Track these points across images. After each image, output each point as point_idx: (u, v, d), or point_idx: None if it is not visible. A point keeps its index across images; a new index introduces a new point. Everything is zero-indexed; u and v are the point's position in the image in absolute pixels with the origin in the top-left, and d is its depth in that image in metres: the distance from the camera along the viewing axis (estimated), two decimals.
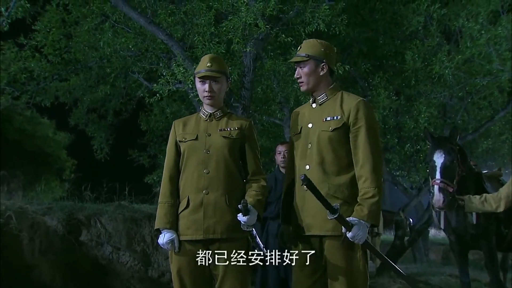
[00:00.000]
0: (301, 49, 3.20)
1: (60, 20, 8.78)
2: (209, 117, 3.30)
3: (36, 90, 9.13)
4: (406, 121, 9.88)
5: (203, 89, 3.23)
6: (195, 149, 3.21)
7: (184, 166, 3.23)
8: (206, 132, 3.25)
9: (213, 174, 3.16)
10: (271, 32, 6.55)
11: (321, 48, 3.18)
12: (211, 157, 3.18)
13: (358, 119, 3.05)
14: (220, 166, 3.17)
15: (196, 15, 6.77)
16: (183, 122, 3.34)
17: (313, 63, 3.15)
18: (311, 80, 3.17)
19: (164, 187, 3.24)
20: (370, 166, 2.97)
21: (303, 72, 3.16)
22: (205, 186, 3.15)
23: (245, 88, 6.94)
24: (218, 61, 3.27)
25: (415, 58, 9.58)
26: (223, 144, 3.19)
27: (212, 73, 3.20)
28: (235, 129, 3.25)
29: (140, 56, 8.25)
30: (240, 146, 3.25)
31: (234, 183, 3.20)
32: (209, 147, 3.19)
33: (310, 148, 3.13)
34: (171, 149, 3.30)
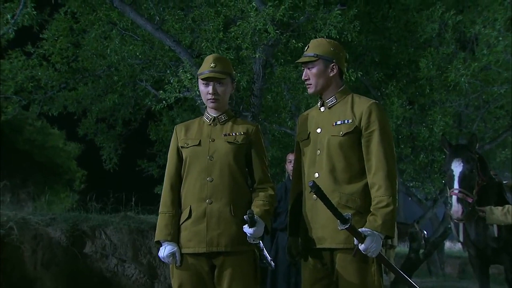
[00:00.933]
0: (309, 49, 2.99)
1: (68, 28, 8.67)
2: (213, 121, 3.09)
3: (43, 99, 9.00)
4: (421, 130, 9.64)
5: (207, 92, 3.03)
6: (197, 155, 3.00)
7: (186, 173, 3.02)
8: (210, 137, 3.04)
9: (217, 182, 2.95)
10: (281, 38, 6.35)
11: (330, 48, 2.98)
12: (215, 164, 2.97)
13: (370, 123, 2.84)
14: (224, 174, 2.96)
15: (204, 21, 6.60)
16: (185, 127, 3.14)
17: (322, 63, 2.95)
18: (320, 81, 2.96)
19: (165, 196, 3.04)
20: (384, 173, 2.76)
21: (311, 73, 2.96)
22: (208, 195, 2.95)
23: (255, 95, 6.74)
24: (223, 61, 3.07)
25: (430, 66, 9.35)
26: (227, 150, 2.99)
27: (216, 74, 3.00)
28: (240, 133, 3.04)
29: (148, 64, 8.10)
30: (246, 152, 3.05)
31: (240, 192, 2.99)
32: (212, 153, 2.99)
33: (319, 155, 2.92)
34: (173, 155, 3.10)
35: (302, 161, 3.04)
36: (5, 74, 8.38)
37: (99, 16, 7.69)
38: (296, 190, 3.10)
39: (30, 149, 15.76)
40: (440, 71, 9.48)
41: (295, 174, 3.13)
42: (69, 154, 17.39)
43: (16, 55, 8.52)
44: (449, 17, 9.12)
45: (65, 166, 17.15)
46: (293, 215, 3.09)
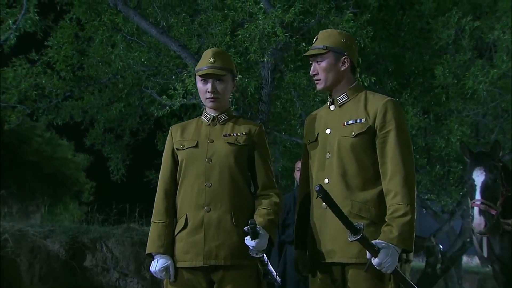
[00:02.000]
0: (318, 41, 2.70)
1: (73, 35, 8.48)
2: (212, 121, 2.81)
3: (47, 108, 8.79)
4: (437, 140, 9.29)
5: (205, 89, 2.75)
6: (194, 158, 2.71)
7: (182, 178, 2.74)
8: (208, 138, 2.75)
9: (215, 187, 2.66)
10: (290, 41, 6.07)
11: (341, 39, 2.69)
12: (214, 168, 2.68)
13: (386, 122, 2.54)
14: (224, 178, 2.67)
15: (211, 25, 6.35)
16: (182, 127, 2.86)
17: (332, 56, 2.66)
18: (330, 76, 2.67)
19: (158, 203, 2.75)
20: (401, 178, 2.46)
21: (321, 67, 2.67)
22: (206, 202, 2.65)
23: (263, 101, 6.46)
24: (223, 56, 2.79)
25: (446, 73, 9.04)
26: (228, 151, 2.70)
27: (216, 70, 2.71)
28: (242, 134, 2.75)
29: (154, 71, 7.86)
30: (249, 154, 2.76)
31: (241, 198, 2.69)
32: (211, 156, 2.70)
33: (329, 158, 2.62)
34: (167, 158, 2.81)
35: (309, 166, 2.74)
36: (8, 82, 8.18)
37: (104, 21, 7.48)
38: (303, 197, 2.80)
39: (38, 160, 15.60)
40: (457, 79, 9.18)
41: (302, 180, 2.83)
42: (78, 166, 17.21)
43: (20, 62, 8.33)
44: (466, 23, 8.83)
45: (73, 177, 16.96)
46: (300, 226, 2.79)
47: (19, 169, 14.75)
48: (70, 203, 17.42)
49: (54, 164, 16.16)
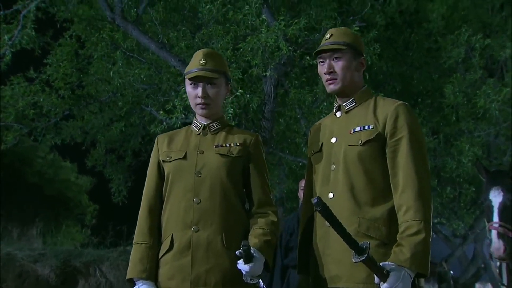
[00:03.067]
0: (334, 37, 2.41)
1: (73, 52, 8.28)
2: (203, 130, 2.52)
3: (45, 127, 8.55)
4: (447, 161, 8.97)
5: (195, 94, 2.46)
6: (182, 171, 2.42)
7: (168, 194, 2.44)
8: (198, 149, 2.46)
9: (205, 204, 2.36)
10: (294, 55, 5.82)
11: (358, 39, 2.45)
12: (204, 182, 2.39)
13: (397, 129, 2.25)
14: (215, 194, 2.37)
15: (212, 40, 6.12)
16: (169, 137, 2.56)
17: (351, 54, 2.39)
18: (348, 76, 2.39)
19: (141, 222, 2.45)
20: (414, 191, 2.16)
21: (339, 64, 2.37)
22: (194, 221, 2.36)
23: (266, 118, 6.18)
24: (215, 57, 2.51)
25: (456, 92, 8.78)
26: (219, 164, 2.40)
27: (207, 72, 2.43)
28: (236, 145, 2.46)
29: (155, 88, 7.62)
30: (243, 167, 2.46)
31: (234, 217, 2.40)
32: (201, 169, 2.41)
33: (334, 170, 2.33)
34: (152, 172, 2.52)
35: (313, 180, 2.44)
36: (5, 101, 7.97)
37: (102, 37, 7.28)
38: (307, 217, 2.49)
39: (40, 183, 15.36)
40: (467, 98, 8.93)
41: (306, 198, 2.53)
42: (80, 188, 16.95)
43: (18, 80, 8.12)
44: (476, 41, 8.62)
45: (76, 200, 16.69)
46: (303, 248, 2.49)
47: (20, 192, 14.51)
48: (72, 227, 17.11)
49: (56, 186, 15.93)
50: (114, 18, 6.57)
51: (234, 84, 5.66)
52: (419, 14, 10.44)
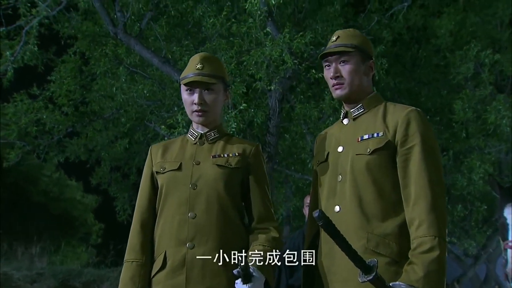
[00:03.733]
0: (341, 39, 2.24)
1: (77, 69, 8.21)
2: (199, 140, 2.36)
3: (48, 145, 8.44)
4: (458, 178, 8.77)
5: (191, 101, 2.31)
6: (177, 183, 2.26)
7: (161, 208, 2.28)
8: (194, 159, 2.30)
9: (201, 219, 2.20)
10: (299, 68, 5.68)
11: (367, 42, 2.28)
12: (200, 195, 2.22)
13: (409, 136, 2.08)
14: (211, 208, 2.21)
15: (216, 54, 6.00)
16: (164, 147, 2.41)
17: (359, 57, 2.22)
18: (356, 81, 2.21)
19: (133, 239, 2.29)
20: (427, 203, 1.98)
21: (346, 68, 2.20)
22: (189, 237, 2.19)
23: (270, 133, 6.02)
24: (213, 61, 2.36)
25: (465, 108, 8.64)
26: (216, 175, 2.24)
27: (204, 77, 2.27)
28: (235, 155, 2.30)
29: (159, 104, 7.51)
30: (243, 179, 2.30)
31: (232, 233, 2.23)
32: (196, 180, 2.24)
33: (340, 181, 2.16)
34: (145, 184, 2.36)
35: (319, 193, 2.27)
36: (8, 118, 7.88)
37: (105, 52, 7.19)
38: (312, 233, 2.32)
39: (45, 201, 15.27)
40: (477, 114, 8.78)
41: (311, 214, 2.35)
42: (86, 207, 16.85)
43: (21, 98, 8.04)
44: (485, 56, 8.47)
45: (81, 219, 16.57)
46: (308, 266, 2.30)
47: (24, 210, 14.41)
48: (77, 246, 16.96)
49: (62, 205, 15.83)
50: (116, 32, 6.49)
51: (237, 98, 5.52)
52: (426, 30, 10.35)
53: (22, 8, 6.91)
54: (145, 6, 6.46)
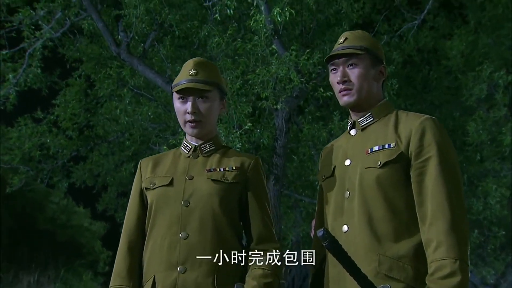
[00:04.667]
0: (350, 40, 2.03)
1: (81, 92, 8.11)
2: (193, 152, 2.15)
3: (52, 169, 8.29)
4: (473, 202, 8.50)
5: (184, 110, 2.10)
6: (167, 199, 2.05)
7: (150, 228, 2.07)
8: (187, 174, 2.09)
9: (194, 239, 1.98)
10: (306, 87, 5.49)
11: (377, 44, 2.07)
12: (192, 213, 2.01)
13: (424, 147, 1.86)
14: (205, 227, 1.99)
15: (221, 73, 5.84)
16: (154, 161, 2.19)
17: (369, 61, 2.00)
18: (365, 86, 1.99)
19: (119, 263, 2.07)
20: (446, 222, 1.76)
21: (355, 72, 1.99)
22: (181, 260, 1.97)
23: (277, 154, 5.80)
24: (208, 67, 2.16)
25: (479, 130, 8.44)
26: (211, 191, 2.03)
27: (198, 84, 2.07)
28: (232, 169, 2.08)
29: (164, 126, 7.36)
30: (240, 196, 2.08)
31: (228, 255, 1.99)
32: (189, 197, 2.03)
33: (348, 198, 1.94)
34: (134, 202, 2.15)
35: (325, 211, 2.06)
36: (11, 143, 7.76)
37: (109, 74, 7.08)
38: (320, 257, 2.09)
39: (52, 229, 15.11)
40: (492, 136, 8.57)
41: (316, 228, 2.13)
42: (94, 234, 16.68)
43: (25, 122, 7.93)
44: (499, 77, 8.30)
45: (89, 246, 16.38)
46: None
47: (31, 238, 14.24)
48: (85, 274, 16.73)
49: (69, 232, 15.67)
50: (119, 52, 6.38)
51: (243, 118, 5.34)
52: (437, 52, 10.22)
53: (26, 30, 6.83)
54: (148, 26, 6.35)
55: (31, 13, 6.73)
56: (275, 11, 5.07)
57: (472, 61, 9.62)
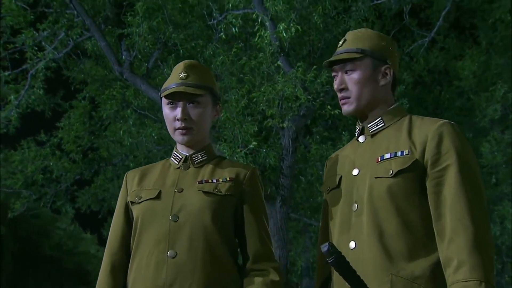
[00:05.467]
0: (348, 42, 1.84)
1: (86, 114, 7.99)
2: (184, 163, 1.94)
3: (56, 193, 8.13)
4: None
5: (174, 117, 1.90)
6: (154, 214, 1.84)
7: (135, 246, 1.85)
8: (176, 186, 1.88)
9: (183, 259, 1.77)
10: (314, 104, 5.30)
11: (381, 42, 1.83)
12: (182, 229, 1.80)
13: (442, 154, 1.66)
14: (196, 245, 1.78)
15: (227, 92, 5.68)
16: (141, 173, 1.98)
17: (369, 64, 1.80)
18: (366, 93, 1.79)
19: (101, 283, 1.86)
20: (468, 239, 1.55)
21: (352, 78, 1.79)
22: (168, 281, 1.75)
23: (284, 175, 5.59)
24: (200, 70, 1.96)
25: (494, 152, 8.23)
26: (203, 205, 1.82)
27: (188, 88, 1.87)
28: (225, 180, 1.87)
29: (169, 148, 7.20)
30: (235, 210, 1.87)
31: (222, 275, 1.79)
32: (178, 211, 1.82)
33: (356, 211, 1.73)
34: (118, 218, 1.94)
35: (330, 226, 1.84)
36: (14, 166, 7.63)
37: (113, 94, 6.95)
38: (324, 274, 1.88)
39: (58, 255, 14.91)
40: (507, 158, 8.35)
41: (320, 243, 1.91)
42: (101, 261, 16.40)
43: (28, 145, 7.81)
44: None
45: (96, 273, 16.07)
46: None
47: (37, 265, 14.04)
48: None
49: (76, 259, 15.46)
50: (122, 72, 6.25)
51: (248, 138, 5.15)
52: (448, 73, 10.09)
53: (29, 51, 6.75)
54: (152, 45, 6.24)
55: (34, 34, 6.65)
56: (281, 27, 4.92)
57: (484, 82, 9.47)
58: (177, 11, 6.54)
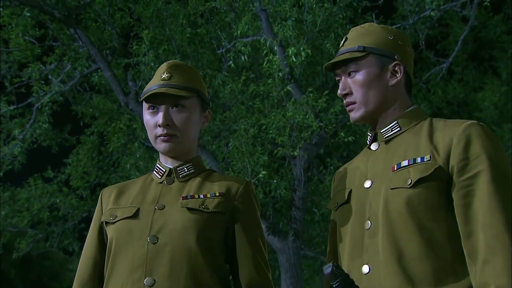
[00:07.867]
0: (349, 41, 1.59)
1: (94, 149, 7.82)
2: (167, 177, 1.67)
3: (63, 232, 7.89)
4: None
5: (155, 123, 1.64)
6: (130, 236, 1.56)
7: (109, 272, 1.57)
8: (157, 202, 1.61)
9: (162, 287, 1.47)
10: (326, 132, 5.02)
11: (387, 36, 1.56)
12: (162, 252, 1.52)
13: (471, 160, 1.38)
14: (178, 271, 1.49)
15: (236, 122, 5.44)
16: (119, 189, 1.71)
17: (374, 62, 1.53)
18: (373, 96, 1.53)
19: None
20: (507, 259, 1.27)
21: (356, 81, 1.54)
22: None
23: (296, 207, 5.27)
24: (185, 70, 1.70)
25: None
26: (186, 224, 1.54)
27: (171, 89, 1.61)
28: (214, 195, 1.59)
29: None
30: (226, 230, 1.59)
31: None
32: (158, 232, 1.54)
33: (369, 230, 1.45)
34: (91, 241, 1.67)
35: (338, 249, 1.56)
36: (20, 204, 7.43)
37: (120, 127, 6.76)
38: None
39: None
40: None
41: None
42: None
43: (35, 182, 7.63)
44: None
45: None
46: None
47: None
48: None
49: None
50: (127, 102, 6.07)
51: (258, 168, 4.88)
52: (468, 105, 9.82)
53: (35, 85, 6.64)
54: None
55: (40, 67, 6.55)
56: (290, 51, 4.71)
57: (506, 113, 9.16)
58: (186, 42, 6.40)
